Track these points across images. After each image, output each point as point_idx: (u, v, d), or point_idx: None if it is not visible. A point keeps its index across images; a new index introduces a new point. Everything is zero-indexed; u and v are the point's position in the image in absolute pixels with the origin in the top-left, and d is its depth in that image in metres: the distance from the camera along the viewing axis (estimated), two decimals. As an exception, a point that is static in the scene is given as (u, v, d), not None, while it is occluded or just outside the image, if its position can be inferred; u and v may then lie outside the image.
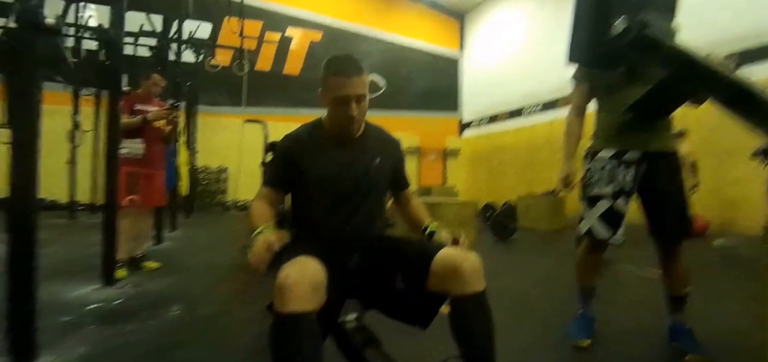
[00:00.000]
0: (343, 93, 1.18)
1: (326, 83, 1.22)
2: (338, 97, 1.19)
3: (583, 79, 1.91)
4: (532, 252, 4.53)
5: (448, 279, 1.12)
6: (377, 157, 1.32)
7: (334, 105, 1.22)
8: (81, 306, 2.23)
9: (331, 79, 1.20)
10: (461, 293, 1.10)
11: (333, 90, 1.20)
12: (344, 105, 1.20)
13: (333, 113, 1.25)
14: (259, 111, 9.85)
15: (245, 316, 2.21)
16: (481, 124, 12.20)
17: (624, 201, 1.75)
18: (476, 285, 1.11)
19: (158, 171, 3.20)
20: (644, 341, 1.90)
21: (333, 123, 1.27)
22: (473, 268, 1.11)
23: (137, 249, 3.17)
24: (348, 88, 1.18)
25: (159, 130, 3.14)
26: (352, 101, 1.19)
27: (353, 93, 1.19)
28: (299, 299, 0.94)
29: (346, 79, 1.18)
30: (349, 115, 1.20)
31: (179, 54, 5.52)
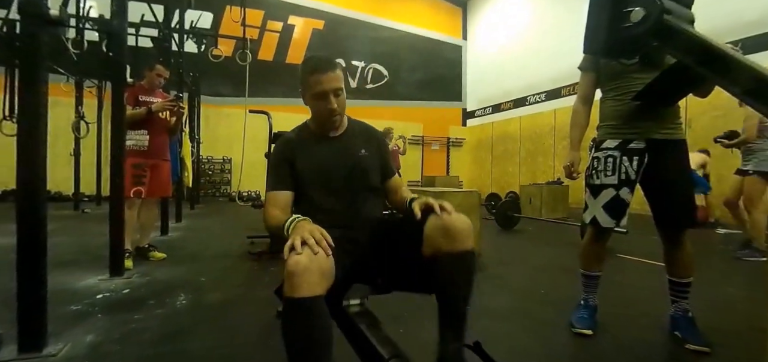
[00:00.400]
0: (320, 88, 1.28)
1: (305, 83, 1.31)
2: (317, 92, 1.29)
3: (589, 68, 1.92)
4: (535, 241, 4.54)
5: (440, 240, 1.14)
6: (362, 148, 1.40)
7: (315, 101, 1.31)
8: (89, 296, 2.26)
9: (309, 77, 1.29)
10: (451, 250, 1.13)
11: (311, 87, 1.29)
12: (323, 99, 1.29)
13: (315, 109, 1.34)
14: (262, 101, 9.82)
15: (253, 303, 2.23)
16: (484, 113, 12.14)
17: (628, 191, 1.75)
18: (466, 243, 1.14)
19: (164, 162, 3.21)
20: (645, 330, 1.90)
21: (316, 119, 1.37)
22: (464, 227, 1.15)
23: (144, 239, 3.20)
24: (324, 83, 1.27)
25: (164, 121, 3.15)
26: (329, 95, 1.28)
27: (330, 87, 1.28)
28: (309, 285, 0.96)
29: (322, 75, 1.28)
30: (328, 108, 1.29)
31: (181, 44, 5.49)
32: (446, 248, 1.13)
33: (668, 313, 1.84)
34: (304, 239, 1.00)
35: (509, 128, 11.00)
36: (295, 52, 10.85)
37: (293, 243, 0.99)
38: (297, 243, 0.98)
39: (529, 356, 1.67)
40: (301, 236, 1.00)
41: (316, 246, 1.00)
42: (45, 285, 1.60)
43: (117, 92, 2.66)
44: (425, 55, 12.12)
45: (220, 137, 9.77)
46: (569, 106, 8.48)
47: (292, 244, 0.99)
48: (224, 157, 9.96)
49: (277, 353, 1.61)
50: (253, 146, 8.17)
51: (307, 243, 0.99)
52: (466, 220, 1.17)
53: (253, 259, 3.24)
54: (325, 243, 1.02)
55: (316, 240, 1.01)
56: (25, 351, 1.53)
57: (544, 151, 9.84)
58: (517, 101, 10.84)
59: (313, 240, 1.00)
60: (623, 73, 1.75)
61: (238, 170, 8.76)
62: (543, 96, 9.98)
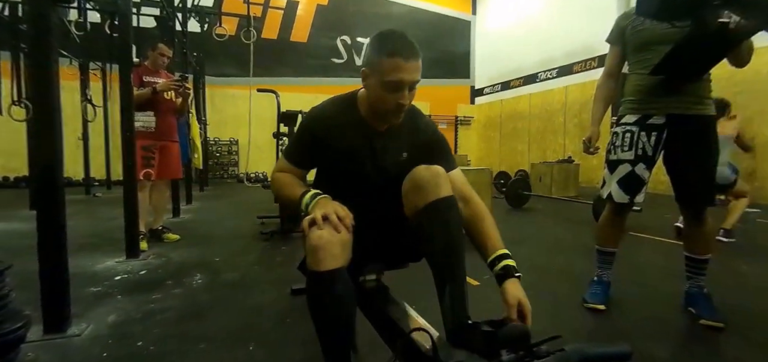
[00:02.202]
0: (397, 77, 1.05)
1: (377, 64, 1.07)
2: (391, 81, 1.05)
3: (616, 41, 1.85)
4: (547, 219, 4.52)
5: (413, 198, 1.07)
6: (405, 150, 1.22)
7: (384, 89, 1.08)
8: (108, 278, 2.29)
9: (386, 60, 1.05)
10: (423, 205, 1.05)
11: (385, 72, 1.05)
12: (396, 91, 1.07)
13: (378, 98, 1.11)
14: (268, 81, 9.72)
15: (267, 281, 2.26)
16: (493, 90, 11.90)
17: (644, 167, 1.72)
18: (437, 192, 1.04)
19: (172, 143, 3.20)
20: (658, 306, 1.89)
21: (374, 108, 1.15)
22: (429, 176, 1.06)
23: (157, 221, 3.23)
24: (404, 72, 1.05)
25: (170, 101, 3.12)
26: (405, 88, 1.07)
27: (409, 78, 1.06)
28: (333, 257, 0.96)
29: (404, 62, 1.05)
30: (399, 103, 1.08)
31: (184, 23, 5.40)
32: (420, 204, 1.06)
33: (683, 290, 1.83)
34: (328, 215, 0.99)
35: (519, 106, 10.79)
36: (300, 30, 10.66)
37: (315, 218, 0.98)
38: (319, 217, 0.98)
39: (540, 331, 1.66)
40: (324, 212, 0.99)
41: (339, 224, 0.98)
42: (67, 268, 1.61)
43: (125, 74, 2.62)
44: (433, 31, 11.81)
45: (227, 118, 9.73)
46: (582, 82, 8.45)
47: (313, 219, 0.98)
48: (231, 139, 9.95)
49: (295, 329, 1.65)
50: (259, 127, 8.15)
51: (330, 220, 0.98)
52: (434, 169, 1.07)
53: (264, 239, 3.27)
54: (347, 221, 1.00)
55: (340, 218, 1.00)
56: (50, 332, 1.55)
57: (554, 129, 9.66)
58: (527, 78, 10.57)
59: (337, 217, 0.99)
60: (648, 45, 1.68)
61: (245, 152, 8.76)
62: (554, 72, 9.71)
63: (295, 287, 2.05)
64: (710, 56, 1.58)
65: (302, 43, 10.60)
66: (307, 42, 10.63)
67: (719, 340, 1.55)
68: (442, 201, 1.05)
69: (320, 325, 1.01)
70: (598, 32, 8.71)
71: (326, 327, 1.01)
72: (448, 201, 1.06)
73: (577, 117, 9.00)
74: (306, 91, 10.26)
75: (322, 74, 10.72)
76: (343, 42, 10.98)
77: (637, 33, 1.72)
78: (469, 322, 0.97)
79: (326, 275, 0.95)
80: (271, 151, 5.12)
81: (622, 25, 1.79)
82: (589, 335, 1.65)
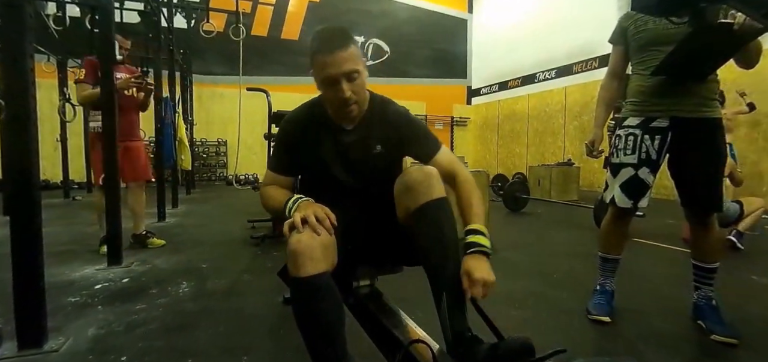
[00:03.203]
0: (326, 73, 1.04)
1: (313, 64, 1.08)
2: (324, 77, 1.05)
3: (618, 41, 1.81)
4: (546, 224, 4.46)
5: (405, 200, 1.05)
6: (377, 143, 1.18)
7: (324, 87, 1.08)
8: (88, 287, 2.17)
9: (316, 57, 1.06)
10: (415, 206, 1.03)
11: (317, 71, 1.07)
12: (333, 86, 1.06)
13: (324, 98, 1.13)
14: (258, 80, 9.55)
15: (257, 290, 2.16)
16: (490, 90, 11.81)
17: (648, 171, 1.68)
18: (429, 193, 1.02)
19: (135, 142, 3.01)
20: (666, 318, 1.83)
21: (328, 107, 1.15)
22: (421, 177, 1.03)
23: (138, 226, 3.08)
24: (331, 66, 1.03)
25: (132, 98, 2.92)
26: (341, 80, 1.04)
27: (339, 71, 1.04)
28: (314, 261, 0.92)
29: (329, 57, 1.03)
30: (340, 97, 1.06)
31: (170, 19, 5.24)
32: (413, 206, 1.04)
33: (691, 301, 1.77)
34: (306, 217, 0.96)
35: (517, 107, 10.72)
36: (291, 27, 10.47)
37: (294, 222, 0.95)
38: (298, 221, 0.95)
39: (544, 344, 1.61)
40: (303, 215, 0.96)
41: (319, 225, 0.96)
42: (43, 277, 1.50)
43: (107, 71, 2.51)
44: (429, 30, 11.71)
45: (214, 118, 9.53)
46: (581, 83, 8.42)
47: (292, 222, 0.96)
48: (219, 139, 9.74)
49: (287, 341, 1.55)
50: (249, 127, 8.00)
51: (309, 222, 0.95)
52: (426, 169, 1.06)
53: (254, 244, 3.17)
54: (328, 222, 0.97)
55: (319, 219, 0.97)
56: (26, 348, 1.45)
57: (553, 130, 9.59)
58: (525, 78, 10.48)
59: (315, 219, 0.96)
60: (650, 45, 1.64)
61: (234, 153, 8.58)
62: (553, 73, 9.62)
63: (288, 295, 1.96)
64: (714, 56, 1.54)
65: (293, 41, 10.42)
66: (298, 40, 10.45)
67: (733, 357, 1.48)
68: (435, 202, 1.02)
69: (307, 335, 0.96)
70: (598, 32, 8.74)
71: (313, 336, 0.95)
72: (440, 203, 1.03)
73: (577, 119, 8.94)
74: (298, 90, 10.10)
75: (313, 73, 10.58)
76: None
77: (639, 33, 1.69)
78: (469, 334, 0.94)
79: (308, 281, 0.92)
80: (261, 151, 5.02)
81: (625, 25, 1.75)
82: (595, 348, 1.58)
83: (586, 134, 8.72)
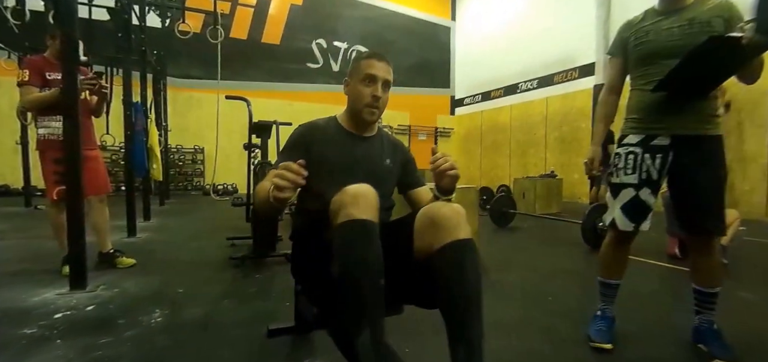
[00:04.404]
0: (372, 71, 1.26)
1: (356, 67, 1.30)
2: (367, 74, 1.26)
3: (618, 53, 1.74)
4: (534, 240, 4.35)
5: (428, 235, 1.03)
6: (387, 158, 1.36)
7: (361, 84, 1.27)
8: (46, 316, 1.90)
9: (362, 61, 1.28)
10: (440, 244, 0.99)
11: (362, 69, 1.27)
12: (372, 84, 1.26)
13: (357, 94, 1.29)
14: (237, 85, 9.26)
15: (239, 320, 1.93)
16: (473, 101, 11.85)
17: (649, 192, 1.60)
18: (456, 232, 0.99)
19: (94, 151, 2.70)
20: (668, 342, 1.75)
21: (353, 108, 1.32)
22: (451, 214, 1.02)
23: (105, 244, 2.77)
24: (377, 69, 1.27)
25: (85, 101, 2.60)
26: (379, 82, 1.27)
27: (382, 75, 1.27)
28: (369, 207, 0.97)
29: (377, 62, 1.27)
30: (373, 94, 1.26)
31: (143, 17, 4.94)
32: (436, 244, 1.00)
33: (691, 324, 1.71)
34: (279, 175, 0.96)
35: (499, 117, 10.76)
36: (272, 30, 10.18)
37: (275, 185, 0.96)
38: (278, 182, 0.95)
39: None
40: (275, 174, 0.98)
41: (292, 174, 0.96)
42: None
43: (69, 72, 2.26)
44: (412, 37, 11.66)
45: (190, 124, 9.14)
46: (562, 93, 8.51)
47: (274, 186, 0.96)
48: (195, 147, 9.33)
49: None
50: (227, 134, 7.67)
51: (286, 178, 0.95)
52: (455, 207, 1.05)
53: (234, 265, 2.93)
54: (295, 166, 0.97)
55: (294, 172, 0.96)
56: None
57: (535, 142, 9.67)
58: (507, 88, 10.55)
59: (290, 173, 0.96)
60: (651, 58, 1.57)
61: (211, 161, 8.23)
62: (535, 83, 9.72)
63: (272, 326, 1.78)
64: (719, 72, 1.49)
65: (275, 45, 10.15)
66: (279, 44, 10.19)
67: None
68: (462, 243, 0.99)
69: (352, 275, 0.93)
70: (578, 42, 8.96)
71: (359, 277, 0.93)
72: (467, 244, 0.99)
73: (557, 129, 9.06)
74: (279, 96, 9.85)
75: (296, 79, 10.32)
76: (319, 46, 10.64)
77: (639, 44, 1.61)
78: None
79: (365, 223, 0.95)
80: (240, 160, 4.77)
81: (625, 36, 1.69)
82: None
83: (566, 145, 8.85)
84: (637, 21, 1.67)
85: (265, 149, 3.21)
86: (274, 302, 2.19)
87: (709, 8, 1.51)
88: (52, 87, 2.48)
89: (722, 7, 1.49)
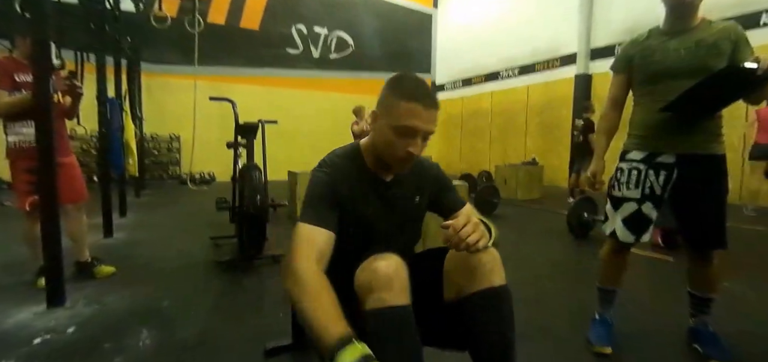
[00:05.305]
0: (412, 123, 0.97)
1: (392, 105, 0.99)
2: (405, 126, 0.98)
3: (622, 70, 1.75)
4: (520, 231, 4.42)
5: (461, 278, 1.00)
6: (416, 195, 1.18)
7: (395, 134, 1.00)
8: (24, 342, 1.77)
9: (403, 103, 0.97)
10: (474, 290, 0.98)
11: (401, 116, 0.98)
12: (409, 137, 0.99)
13: (387, 144, 1.02)
14: (214, 70, 8.91)
15: (237, 336, 1.88)
16: (454, 87, 11.83)
17: (651, 206, 1.64)
18: (491, 278, 0.98)
19: (69, 157, 2.55)
20: (662, 340, 1.85)
21: (381, 155, 1.07)
22: (487, 259, 0.99)
23: (82, 253, 2.64)
24: (421, 119, 0.98)
25: (59, 104, 2.44)
26: (419, 136, 1.00)
27: (425, 127, 0.99)
28: (402, 291, 0.89)
29: (423, 110, 0.97)
30: (409, 151, 1.00)
31: (117, 2, 4.64)
32: (469, 289, 0.98)
33: (687, 325, 1.80)
34: None
35: (481, 104, 10.80)
36: (250, 15, 9.79)
37: None
38: None
39: None
40: None
41: None
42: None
43: (40, 66, 2.07)
44: (392, 23, 11.45)
45: (166, 112, 8.75)
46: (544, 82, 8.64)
47: None
48: (171, 135, 8.97)
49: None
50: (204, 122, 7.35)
51: None
52: (492, 251, 1.01)
53: (222, 269, 2.85)
54: None
55: None
56: None
57: (516, 129, 9.78)
58: (489, 76, 10.56)
59: None
60: (658, 77, 1.60)
61: (188, 150, 7.91)
62: (516, 71, 9.78)
63: (270, 345, 1.74)
64: (729, 96, 1.55)
65: (253, 31, 9.76)
66: (259, 29, 9.81)
67: None
68: (500, 290, 0.98)
69: None
70: (560, 32, 9.00)
71: None
72: (504, 292, 0.99)
73: (538, 117, 9.17)
74: (258, 82, 9.55)
75: (275, 65, 10.00)
76: (299, 31, 10.32)
77: (646, 64, 1.63)
78: None
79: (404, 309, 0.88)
80: (218, 148, 4.59)
81: (630, 54, 1.70)
82: None
83: (547, 131, 9.01)
84: (642, 39, 1.68)
85: (251, 150, 3.09)
86: (268, 315, 2.15)
87: (716, 31, 1.53)
88: (22, 90, 2.30)
89: (728, 30, 1.52)
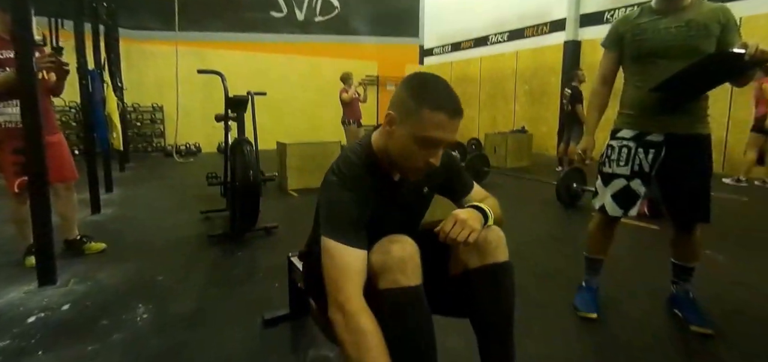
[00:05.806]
0: (438, 135, 0.92)
1: (416, 113, 0.91)
2: (428, 137, 0.92)
3: (613, 47, 1.78)
4: (510, 199, 4.48)
5: (467, 254, 1.05)
6: (425, 185, 1.17)
7: (416, 144, 0.93)
8: (18, 321, 1.78)
9: (428, 112, 0.90)
10: (480, 264, 1.04)
11: (425, 127, 0.91)
12: (431, 148, 0.94)
13: (406, 152, 0.95)
14: (195, 36, 8.55)
15: (233, 307, 1.92)
16: (443, 51, 11.58)
17: (640, 183, 1.71)
18: (497, 255, 1.04)
19: (56, 135, 2.47)
20: (649, 307, 1.94)
21: (396, 162, 1.00)
22: (493, 237, 1.04)
23: (71, 230, 2.62)
24: (447, 131, 0.92)
25: (43, 81, 2.33)
26: (440, 148, 0.96)
27: (448, 139, 0.94)
28: (415, 271, 0.92)
29: (449, 121, 0.92)
30: (427, 162, 0.96)
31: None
32: (475, 264, 1.04)
33: (669, 292, 1.90)
34: None
35: (469, 69, 10.65)
36: (233, -24, 9.37)
37: None
38: None
39: (538, 342, 1.64)
40: None
41: None
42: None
43: (22, 42, 1.98)
44: (380, -15, 11.07)
45: (147, 81, 8.45)
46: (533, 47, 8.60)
47: None
48: (154, 105, 8.69)
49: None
50: (188, 90, 7.17)
51: None
52: (495, 229, 1.06)
53: (213, 243, 2.86)
54: None
55: None
56: None
57: (505, 95, 9.72)
58: (478, 40, 10.36)
59: None
60: (648, 56, 1.63)
61: (171, 120, 7.70)
62: (506, 36, 9.60)
63: (268, 315, 1.78)
64: (716, 79, 1.60)
65: (235, -7, 9.38)
66: (241, -9, 9.42)
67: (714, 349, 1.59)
68: (502, 266, 1.03)
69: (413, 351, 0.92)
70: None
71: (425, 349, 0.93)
72: (507, 268, 1.04)
73: (527, 83, 9.11)
74: (241, 48, 9.22)
75: (259, 29, 9.62)
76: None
77: (637, 42, 1.66)
78: None
79: (415, 290, 0.91)
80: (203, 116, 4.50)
81: (621, 31, 1.73)
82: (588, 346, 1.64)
83: (536, 99, 9.02)
84: (634, 17, 1.70)
85: (241, 124, 3.04)
86: (263, 285, 2.19)
87: (706, 12, 1.56)
88: (5, 67, 2.20)
89: (718, 11, 1.55)
